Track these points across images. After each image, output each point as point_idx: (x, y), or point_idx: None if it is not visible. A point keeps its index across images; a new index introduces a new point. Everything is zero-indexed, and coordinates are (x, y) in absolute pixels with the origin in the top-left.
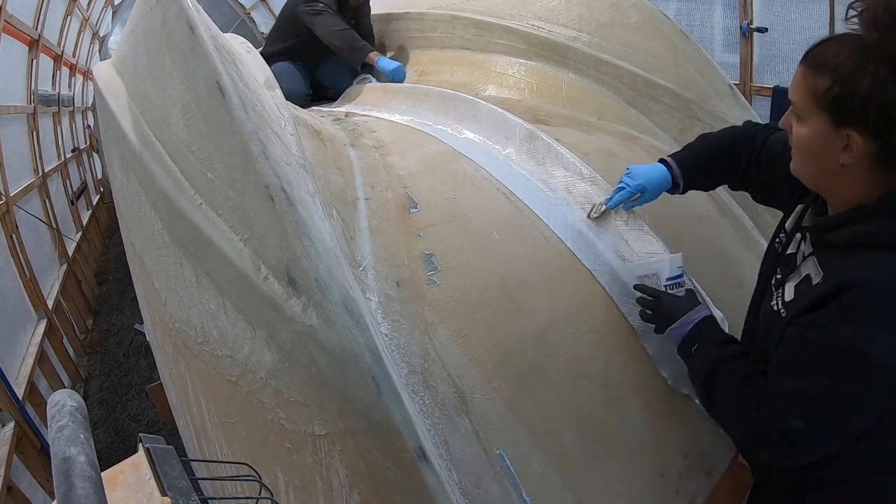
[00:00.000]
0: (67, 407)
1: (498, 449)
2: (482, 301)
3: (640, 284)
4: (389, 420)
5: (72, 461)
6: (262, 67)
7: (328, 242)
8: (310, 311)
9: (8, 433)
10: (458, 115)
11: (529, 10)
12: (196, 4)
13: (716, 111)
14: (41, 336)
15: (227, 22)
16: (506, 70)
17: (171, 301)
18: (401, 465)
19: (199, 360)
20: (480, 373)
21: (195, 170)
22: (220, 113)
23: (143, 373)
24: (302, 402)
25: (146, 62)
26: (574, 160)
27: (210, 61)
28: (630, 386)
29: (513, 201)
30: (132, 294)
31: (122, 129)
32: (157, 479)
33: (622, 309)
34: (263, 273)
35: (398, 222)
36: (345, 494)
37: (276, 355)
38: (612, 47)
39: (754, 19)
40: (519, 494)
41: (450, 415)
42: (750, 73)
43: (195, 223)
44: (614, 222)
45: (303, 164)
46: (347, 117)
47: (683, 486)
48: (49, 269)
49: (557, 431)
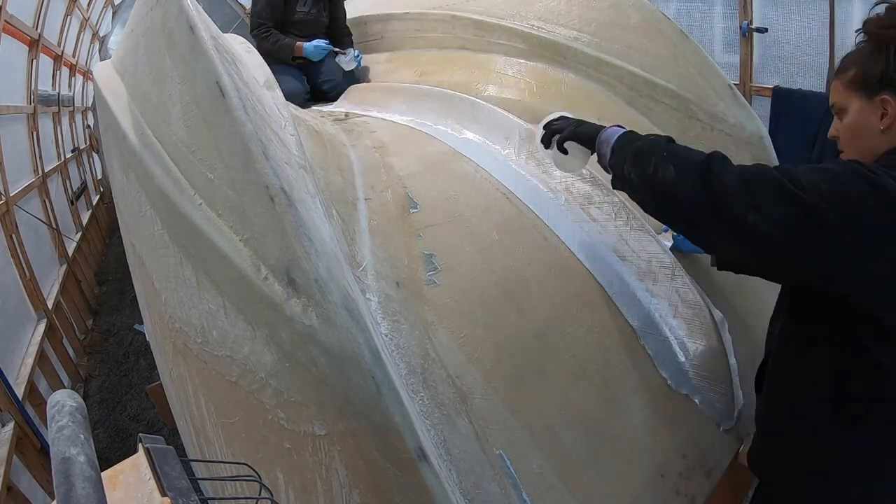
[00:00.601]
0: (67, 407)
1: (498, 449)
2: (482, 301)
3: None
4: (389, 420)
5: (72, 461)
6: (262, 67)
7: (328, 243)
8: (310, 312)
9: (8, 433)
10: (458, 115)
11: (529, 11)
12: (196, 4)
13: (716, 111)
14: (41, 336)
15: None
16: (506, 70)
17: (170, 301)
18: (401, 465)
19: (198, 361)
20: (480, 373)
21: (195, 170)
22: (220, 113)
23: (143, 373)
24: (302, 403)
25: (146, 62)
26: None
27: (210, 61)
28: (630, 386)
29: (513, 201)
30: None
31: (122, 129)
32: (157, 479)
33: (622, 309)
34: (263, 273)
35: (398, 222)
36: (345, 494)
37: (276, 355)
38: (612, 47)
39: (754, 19)
40: (519, 494)
41: (449, 415)
42: (750, 73)
43: (195, 223)
44: (614, 223)
45: (303, 165)
46: (347, 117)
47: (683, 486)
48: (49, 269)
49: (557, 431)
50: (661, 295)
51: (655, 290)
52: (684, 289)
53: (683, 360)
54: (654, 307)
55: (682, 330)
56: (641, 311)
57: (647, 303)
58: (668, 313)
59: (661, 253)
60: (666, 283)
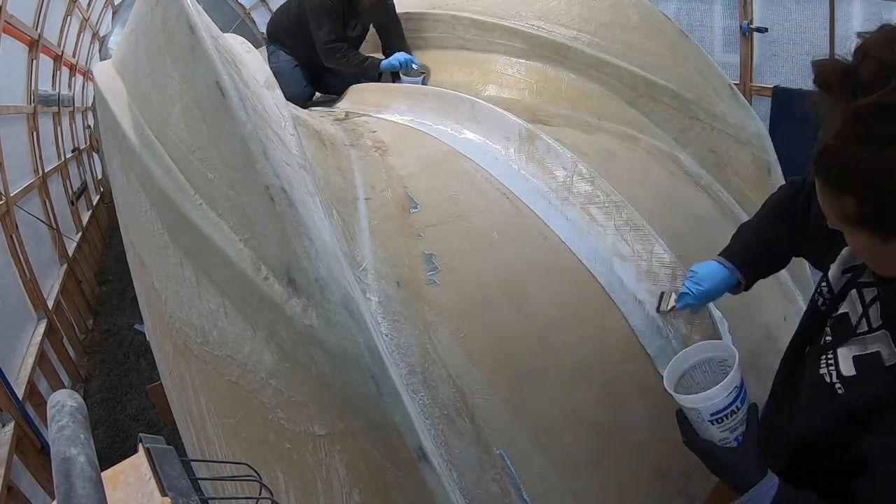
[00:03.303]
0: (67, 407)
1: (498, 449)
2: (482, 301)
3: (684, 419)
4: (389, 420)
5: (72, 461)
6: (263, 67)
7: (328, 242)
8: (310, 311)
9: (8, 433)
10: (458, 115)
11: (529, 10)
12: (196, 5)
13: (716, 111)
14: (41, 336)
15: (227, 22)
16: (506, 70)
17: (171, 301)
18: (401, 465)
19: (199, 360)
20: (480, 373)
21: (195, 170)
22: (220, 113)
23: (143, 373)
24: (302, 402)
25: (146, 62)
26: (574, 160)
27: (210, 61)
28: (630, 386)
29: (513, 201)
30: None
31: (122, 129)
32: (157, 479)
33: (622, 309)
34: (263, 273)
35: (398, 222)
36: (345, 494)
37: (277, 355)
38: (612, 47)
39: (754, 19)
40: (519, 494)
41: (450, 415)
42: (750, 73)
43: (195, 223)
44: (615, 223)
45: (303, 164)
46: (347, 117)
47: (683, 486)
48: (49, 269)
49: (557, 431)
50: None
51: (655, 290)
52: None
53: None
54: (655, 307)
55: (682, 330)
56: (641, 311)
57: (647, 303)
58: (668, 313)
59: (662, 253)
60: (666, 284)
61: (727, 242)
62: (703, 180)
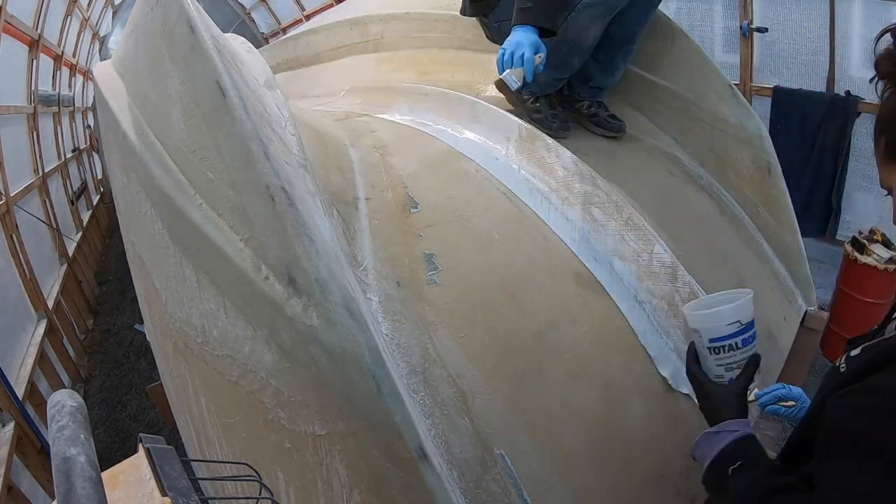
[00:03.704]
0: (67, 407)
1: (498, 449)
2: (482, 301)
3: (692, 349)
4: (390, 420)
5: (72, 461)
6: (263, 67)
7: (328, 242)
8: (310, 311)
9: (8, 433)
10: (459, 115)
11: None
12: (196, 5)
13: (716, 111)
14: (41, 336)
15: (227, 22)
16: None
17: (171, 301)
18: (401, 465)
19: (199, 360)
20: (481, 373)
21: (195, 169)
22: (221, 113)
23: (143, 373)
24: (302, 402)
25: (146, 62)
26: (574, 160)
27: (210, 61)
28: (630, 386)
29: (513, 201)
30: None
31: (122, 129)
32: (157, 479)
33: (622, 309)
34: (264, 273)
35: (399, 222)
36: (345, 494)
37: (277, 355)
38: None
39: (754, 19)
40: (519, 494)
41: (450, 415)
42: (750, 73)
43: (195, 223)
44: (615, 223)
45: (303, 164)
46: (348, 117)
47: (683, 486)
48: (49, 269)
49: (558, 431)
50: (661, 295)
51: (655, 290)
52: (685, 289)
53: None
54: (655, 307)
55: (682, 330)
56: (641, 311)
57: (647, 303)
58: (668, 313)
59: (662, 253)
60: (666, 283)
61: (727, 242)
62: (703, 180)
